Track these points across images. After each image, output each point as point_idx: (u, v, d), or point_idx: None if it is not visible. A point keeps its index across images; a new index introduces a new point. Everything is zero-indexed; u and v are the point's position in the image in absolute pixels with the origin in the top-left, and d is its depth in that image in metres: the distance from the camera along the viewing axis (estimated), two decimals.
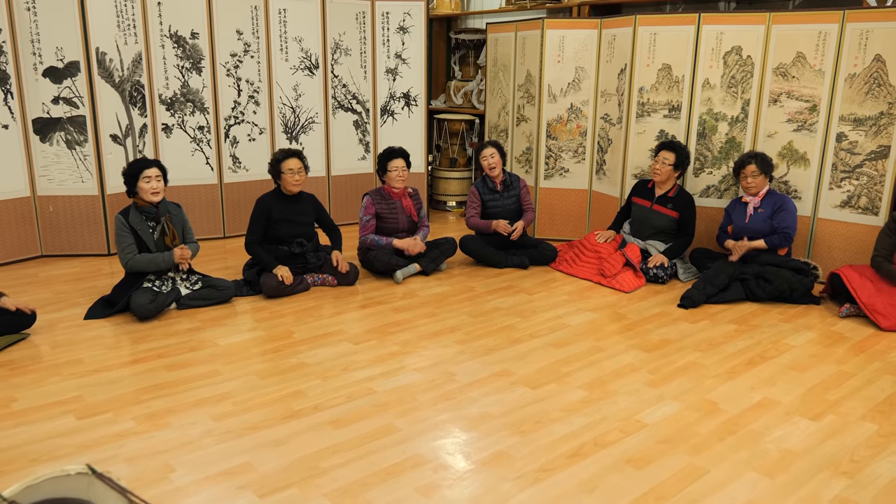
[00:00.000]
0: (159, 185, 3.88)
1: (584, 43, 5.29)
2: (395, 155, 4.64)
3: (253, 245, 4.28)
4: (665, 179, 4.67)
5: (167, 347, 3.49)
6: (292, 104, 5.69)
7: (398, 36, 5.97)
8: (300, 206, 4.40)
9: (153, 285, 3.93)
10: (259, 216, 4.28)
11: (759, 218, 4.37)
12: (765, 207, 4.38)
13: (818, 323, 3.91)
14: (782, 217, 4.31)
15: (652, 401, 2.99)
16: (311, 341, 3.60)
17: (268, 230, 4.31)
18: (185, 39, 5.17)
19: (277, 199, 4.34)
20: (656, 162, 4.67)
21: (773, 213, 4.35)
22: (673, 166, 4.62)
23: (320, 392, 3.04)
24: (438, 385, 3.12)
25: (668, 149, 4.65)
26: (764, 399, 3.01)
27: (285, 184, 4.31)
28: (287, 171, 4.29)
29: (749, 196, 4.43)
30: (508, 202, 4.97)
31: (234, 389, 3.05)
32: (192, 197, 5.43)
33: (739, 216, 4.46)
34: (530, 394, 3.04)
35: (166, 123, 5.25)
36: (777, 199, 4.37)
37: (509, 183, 5.00)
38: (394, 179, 4.62)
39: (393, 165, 4.61)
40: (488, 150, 4.92)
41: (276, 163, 4.32)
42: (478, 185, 5.00)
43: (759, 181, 4.35)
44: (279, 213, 4.30)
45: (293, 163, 4.30)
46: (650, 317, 4.00)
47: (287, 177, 4.29)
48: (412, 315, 4.00)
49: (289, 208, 4.34)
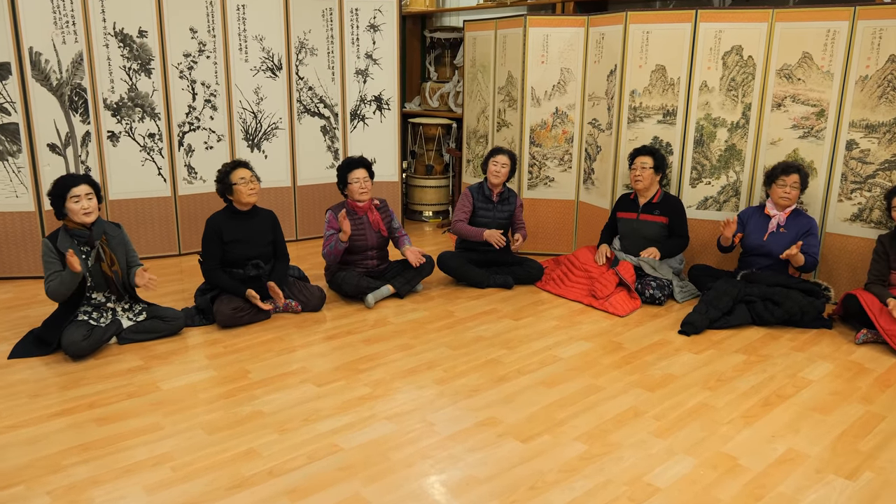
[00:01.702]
0: (91, 203, 3.39)
1: (570, 42, 4.89)
2: (355, 165, 4.19)
3: (214, 272, 3.82)
4: (648, 186, 4.32)
5: (100, 394, 3.02)
6: (253, 109, 5.22)
7: (368, 34, 5.52)
8: (256, 223, 3.94)
9: (89, 318, 3.46)
10: (212, 238, 3.81)
11: (782, 239, 3.98)
12: (789, 228, 3.99)
13: (833, 351, 3.55)
14: (810, 241, 3.94)
15: (661, 456, 2.59)
16: (269, 383, 3.15)
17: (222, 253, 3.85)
18: (131, 38, 4.68)
19: (229, 218, 3.88)
20: (634, 169, 4.32)
21: (797, 236, 3.96)
22: (653, 169, 4.26)
23: (277, 451, 2.60)
24: (414, 439, 2.69)
25: (644, 153, 4.32)
26: (789, 451, 2.62)
27: (239, 196, 3.85)
28: (239, 179, 3.83)
29: (776, 210, 4.05)
30: (500, 216, 4.55)
31: (175, 449, 2.60)
32: (143, 211, 4.94)
33: (757, 229, 4.07)
34: (521, 449, 2.63)
35: (112, 131, 4.75)
36: (804, 222, 3.99)
37: (506, 196, 4.59)
38: (356, 192, 4.18)
39: (353, 177, 4.17)
40: (502, 157, 4.50)
41: (224, 175, 3.86)
42: (473, 188, 4.59)
43: (796, 196, 3.98)
44: (231, 233, 3.84)
45: (243, 171, 3.86)
46: (649, 346, 3.60)
47: (240, 187, 3.83)
48: (385, 347, 3.56)
49: (242, 227, 3.88)
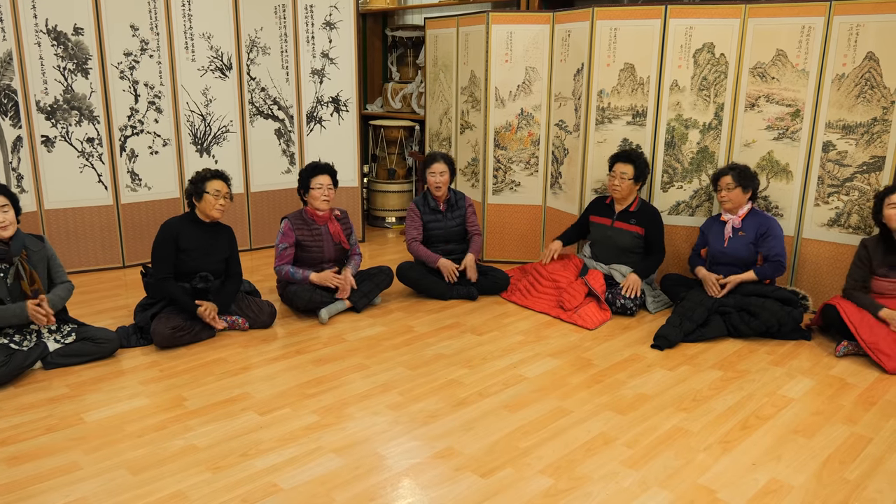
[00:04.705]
0: (7, 216, 3.08)
1: (535, 40, 4.66)
2: (320, 171, 3.93)
3: (165, 283, 3.50)
4: (626, 195, 4.08)
5: (16, 428, 2.71)
6: (202, 111, 4.91)
7: (324, 32, 5.24)
8: (214, 236, 3.66)
9: (10, 341, 3.14)
10: (165, 245, 3.51)
11: (740, 242, 3.80)
12: (747, 230, 3.80)
13: (813, 366, 3.35)
14: (771, 244, 3.74)
15: (634, 490, 2.36)
16: (207, 412, 2.87)
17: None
18: (66, 36, 4.35)
19: (189, 225, 3.59)
20: (613, 177, 4.06)
21: (756, 237, 3.77)
22: (633, 179, 4.03)
23: (207, 493, 2.32)
24: (363, 475, 2.43)
25: (625, 160, 4.04)
26: (771, 482, 2.40)
27: (206, 207, 3.57)
28: (213, 191, 3.55)
29: (726, 214, 3.86)
30: (452, 224, 4.30)
31: (94, 493, 2.31)
32: (82, 221, 4.61)
33: (716, 238, 3.89)
34: (480, 485, 2.38)
35: (47, 135, 4.42)
36: (762, 222, 3.80)
37: (454, 202, 4.34)
38: (318, 200, 3.91)
39: (317, 182, 3.90)
40: (438, 165, 4.24)
41: (200, 181, 3.58)
42: (417, 202, 4.32)
43: (736, 195, 3.78)
44: (188, 241, 3.55)
45: (220, 184, 3.59)
46: (620, 362, 3.38)
47: (210, 198, 3.55)
48: (338, 368, 3.30)
49: (201, 237, 3.60)
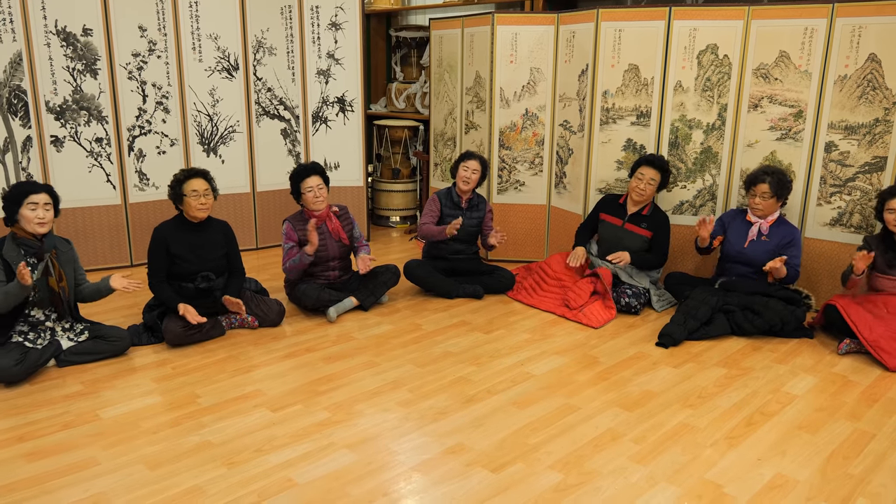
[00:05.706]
0: (47, 214, 3.14)
1: (540, 41, 4.70)
2: (307, 173, 3.94)
3: (159, 286, 3.56)
4: (646, 199, 4.15)
5: (33, 425, 2.76)
6: (209, 111, 4.95)
7: (330, 33, 5.28)
8: (206, 235, 3.68)
9: (25, 339, 3.19)
10: (157, 250, 3.55)
11: (762, 247, 3.82)
12: (772, 237, 3.83)
13: (816, 363, 3.40)
14: (792, 252, 3.78)
15: (642, 485, 2.40)
16: (220, 408, 2.91)
17: (168, 266, 3.60)
18: (75, 37, 4.39)
19: (178, 229, 3.62)
20: (640, 180, 4.08)
21: (779, 246, 3.80)
22: (657, 187, 4.11)
23: (224, 488, 2.36)
24: (375, 471, 2.48)
25: (657, 168, 4.07)
26: (777, 477, 2.45)
27: (188, 209, 3.60)
28: (190, 192, 3.57)
29: (755, 217, 3.89)
30: (469, 223, 4.34)
31: (112, 488, 2.36)
32: (90, 221, 4.65)
33: (737, 236, 3.91)
34: (492, 479, 2.43)
35: (56, 135, 4.46)
36: (787, 231, 3.83)
37: (475, 203, 4.39)
38: (311, 202, 3.94)
39: (307, 185, 3.92)
40: (473, 161, 4.31)
41: (177, 184, 3.61)
42: (441, 194, 4.39)
43: (769, 205, 3.80)
44: (179, 246, 3.58)
45: (197, 183, 3.59)
46: (626, 360, 3.43)
47: (190, 200, 3.57)
48: (347, 366, 3.34)
49: (191, 239, 3.62)
